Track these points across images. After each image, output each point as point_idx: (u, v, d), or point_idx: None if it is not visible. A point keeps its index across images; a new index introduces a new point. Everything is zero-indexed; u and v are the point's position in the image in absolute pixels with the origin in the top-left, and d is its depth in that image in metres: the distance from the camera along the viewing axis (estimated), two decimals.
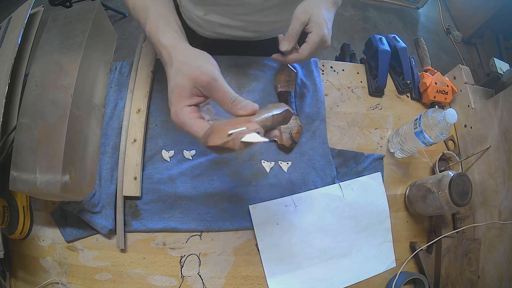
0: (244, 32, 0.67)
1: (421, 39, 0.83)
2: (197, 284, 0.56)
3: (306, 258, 0.59)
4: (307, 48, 0.49)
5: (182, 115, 0.37)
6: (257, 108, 0.36)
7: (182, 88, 0.37)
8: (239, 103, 0.36)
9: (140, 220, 0.58)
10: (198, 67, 0.37)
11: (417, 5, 2.36)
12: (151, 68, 0.66)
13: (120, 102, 0.65)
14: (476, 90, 0.71)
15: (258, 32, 0.68)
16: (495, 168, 0.62)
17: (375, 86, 0.72)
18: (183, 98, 0.37)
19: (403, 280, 0.57)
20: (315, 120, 0.67)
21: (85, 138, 0.56)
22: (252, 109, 0.36)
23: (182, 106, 0.37)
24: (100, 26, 0.63)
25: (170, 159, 0.61)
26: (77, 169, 0.52)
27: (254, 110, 0.36)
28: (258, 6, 0.60)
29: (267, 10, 0.61)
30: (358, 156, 0.66)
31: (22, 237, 0.58)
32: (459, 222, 0.64)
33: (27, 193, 0.57)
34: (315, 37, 0.49)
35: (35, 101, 0.51)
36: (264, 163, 0.62)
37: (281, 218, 0.59)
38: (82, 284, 0.56)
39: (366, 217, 0.62)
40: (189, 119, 0.37)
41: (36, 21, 0.65)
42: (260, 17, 0.63)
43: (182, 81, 0.37)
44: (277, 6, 0.61)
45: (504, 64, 0.84)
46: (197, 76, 0.36)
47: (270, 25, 0.66)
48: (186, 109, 0.37)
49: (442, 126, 0.56)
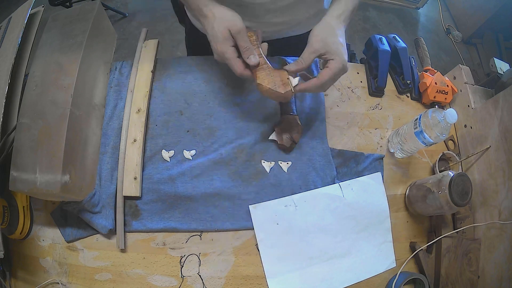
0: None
1: (421, 39, 0.83)
2: (197, 284, 0.56)
3: (306, 258, 0.59)
4: (328, 74, 0.50)
5: (228, 53, 0.49)
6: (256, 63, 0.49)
7: (224, 33, 0.48)
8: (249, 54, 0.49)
9: (140, 220, 0.58)
10: (232, 18, 0.50)
11: (417, 5, 2.35)
12: (151, 68, 0.66)
13: (120, 102, 0.65)
14: (476, 90, 0.71)
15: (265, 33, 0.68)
16: (495, 168, 0.62)
17: (375, 86, 0.72)
18: (227, 39, 0.49)
19: (403, 280, 0.57)
20: (315, 120, 0.67)
21: (85, 138, 0.56)
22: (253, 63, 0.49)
23: (228, 46, 0.49)
24: (100, 26, 0.63)
25: (170, 159, 0.61)
26: (77, 169, 0.52)
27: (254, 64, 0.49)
28: (266, 7, 0.60)
29: (275, 11, 0.62)
30: (358, 156, 0.66)
31: (22, 237, 0.58)
32: (459, 222, 0.64)
33: (27, 193, 0.57)
34: (336, 64, 0.49)
35: (35, 101, 0.51)
36: (264, 163, 0.62)
37: (281, 218, 0.59)
38: (82, 284, 0.56)
39: (366, 217, 0.62)
40: (233, 58, 0.49)
41: (36, 21, 0.65)
42: (269, 18, 0.63)
43: (221, 27, 0.48)
44: (285, 8, 0.61)
45: (504, 64, 0.84)
46: (230, 26, 0.49)
47: (278, 26, 0.66)
48: (231, 49, 0.49)
49: (442, 126, 0.56)
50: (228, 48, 0.49)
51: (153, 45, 0.69)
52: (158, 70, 0.68)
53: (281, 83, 0.50)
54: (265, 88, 0.50)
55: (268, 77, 0.50)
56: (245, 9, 0.60)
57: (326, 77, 0.50)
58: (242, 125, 0.65)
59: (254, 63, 0.49)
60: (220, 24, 0.49)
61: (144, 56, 0.67)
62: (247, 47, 0.49)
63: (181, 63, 0.70)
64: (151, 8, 2.09)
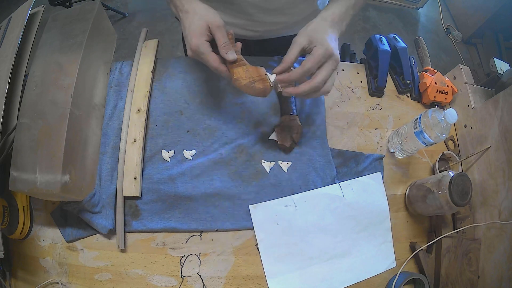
0: (243, 30, 0.67)
1: (421, 39, 0.83)
2: (197, 284, 0.56)
3: (306, 258, 0.59)
4: (310, 59, 0.47)
5: (202, 47, 0.48)
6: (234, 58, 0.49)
7: (201, 27, 0.48)
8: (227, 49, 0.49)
9: (140, 220, 0.58)
10: (213, 14, 0.50)
11: (417, 5, 2.35)
12: (151, 68, 0.66)
13: (120, 102, 0.65)
14: (476, 90, 0.71)
15: (256, 32, 0.68)
16: (495, 168, 0.62)
17: (375, 86, 0.72)
18: (203, 34, 0.48)
19: (403, 280, 0.57)
20: (315, 120, 0.67)
21: (85, 138, 0.56)
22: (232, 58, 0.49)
23: (203, 40, 0.48)
24: (100, 26, 0.63)
25: (170, 159, 0.61)
26: (77, 169, 0.52)
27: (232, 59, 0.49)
28: (258, 6, 0.60)
29: (267, 10, 0.62)
30: (358, 156, 0.66)
31: (22, 237, 0.58)
32: (459, 222, 0.64)
33: (27, 193, 0.57)
34: (320, 50, 0.46)
35: (35, 101, 0.51)
36: (264, 163, 0.62)
37: (281, 218, 0.59)
38: (82, 284, 0.56)
39: (366, 217, 0.62)
40: (207, 52, 0.49)
41: (36, 21, 0.65)
42: (261, 18, 0.63)
43: (201, 22, 0.48)
44: (278, 7, 0.61)
45: (504, 64, 0.84)
46: (210, 21, 0.48)
47: (272, 25, 0.66)
48: (206, 43, 0.49)
49: (442, 126, 0.56)
50: (203, 42, 0.48)
51: (153, 45, 0.69)
52: (158, 70, 0.68)
53: (259, 78, 0.49)
54: (243, 83, 0.49)
55: (246, 72, 0.49)
56: (238, 8, 0.60)
57: (308, 63, 0.47)
58: (242, 125, 0.65)
59: (233, 58, 0.49)
60: (201, 19, 0.48)
61: (144, 56, 0.67)
62: (225, 43, 0.49)
63: (181, 63, 0.70)
64: (151, 8, 2.09)
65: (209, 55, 0.49)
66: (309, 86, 0.48)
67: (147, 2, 2.13)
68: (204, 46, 0.48)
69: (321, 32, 0.48)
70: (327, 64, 0.48)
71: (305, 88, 0.48)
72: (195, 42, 0.48)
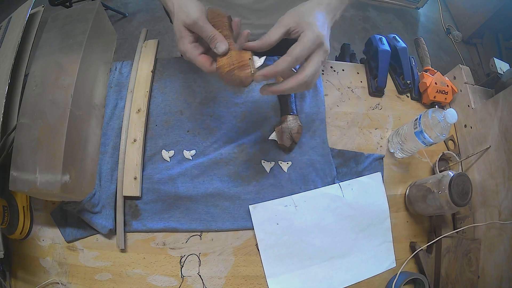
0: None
1: (421, 39, 0.83)
2: (197, 284, 0.56)
3: (306, 258, 0.59)
4: (298, 46, 0.40)
5: (188, 52, 0.44)
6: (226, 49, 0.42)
7: (180, 30, 0.44)
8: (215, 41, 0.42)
9: (140, 220, 0.58)
10: (187, 13, 0.43)
11: (417, 5, 2.35)
12: (151, 68, 0.66)
13: (120, 102, 0.65)
14: (476, 90, 0.71)
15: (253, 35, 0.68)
16: (495, 168, 0.62)
17: (375, 86, 0.72)
18: (184, 38, 0.44)
19: (403, 280, 0.57)
20: (315, 120, 0.67)
21: (85, 138, 0.56)
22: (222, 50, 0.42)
23: (186, 44, 0.44)
24: (100, 26, 0.63)
25: (170, 159, 0.61)
26: (77, 169, 0.52)
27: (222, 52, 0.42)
28: (249, 8, 0.60)
29: (259, 12, 0.61)
30: (358, 156, 0.66)
31: (22, 237, 0.58)
32: (459, 222, 0.64)
33: (27, 193, 0.57)
34: (308, 36, 0.40)
35: (35, 101, 0.51)
36: (264, 163, 0.62)
37: (281, 218, 0.59)
38: (82, 284, 0.56)
39: (366, 217, 0.62)
40: (194, 57, 0.44)
41: (36, 21, 0.65)
42: (254, 20, 0.63)
43: (178, 24, 0.44)
44: (269, 9, 0.61)
45: (504, 64, 0.84)
46: (184, 20, 0.43)
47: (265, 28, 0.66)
48: (189, 46, 0.44)
49: (442, 126, 0.56)
50: (187, 46, 0.43)
51: (153, 45, 0.69)
52: (158, 70, 0.68)
53: (240, 65, 0.41)
54: (225, 71, 0.41)
55: (228, 59, 0.42)
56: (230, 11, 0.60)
57: (297, 49, 0.40)
58: (242, 125, 0.65)
59: (223, 50, 0.42)
60: (177, 19, 0.44)
61: (144, 56, 0.67)
62: (210, 36, 0.42)
63: (181, 63, 0.70)
64: (151, 8, 2.09)
65: (196, 60, 0.43)
66: (297, 81, 0.41)
67: (147, 2, 2.13)
68: (188, 51, 0.44)
69: (313, 17, 0.42)
70: (316, 55, 0.41)
71: (292, 84, 0.41)
72: (180, 49, 0.45)
